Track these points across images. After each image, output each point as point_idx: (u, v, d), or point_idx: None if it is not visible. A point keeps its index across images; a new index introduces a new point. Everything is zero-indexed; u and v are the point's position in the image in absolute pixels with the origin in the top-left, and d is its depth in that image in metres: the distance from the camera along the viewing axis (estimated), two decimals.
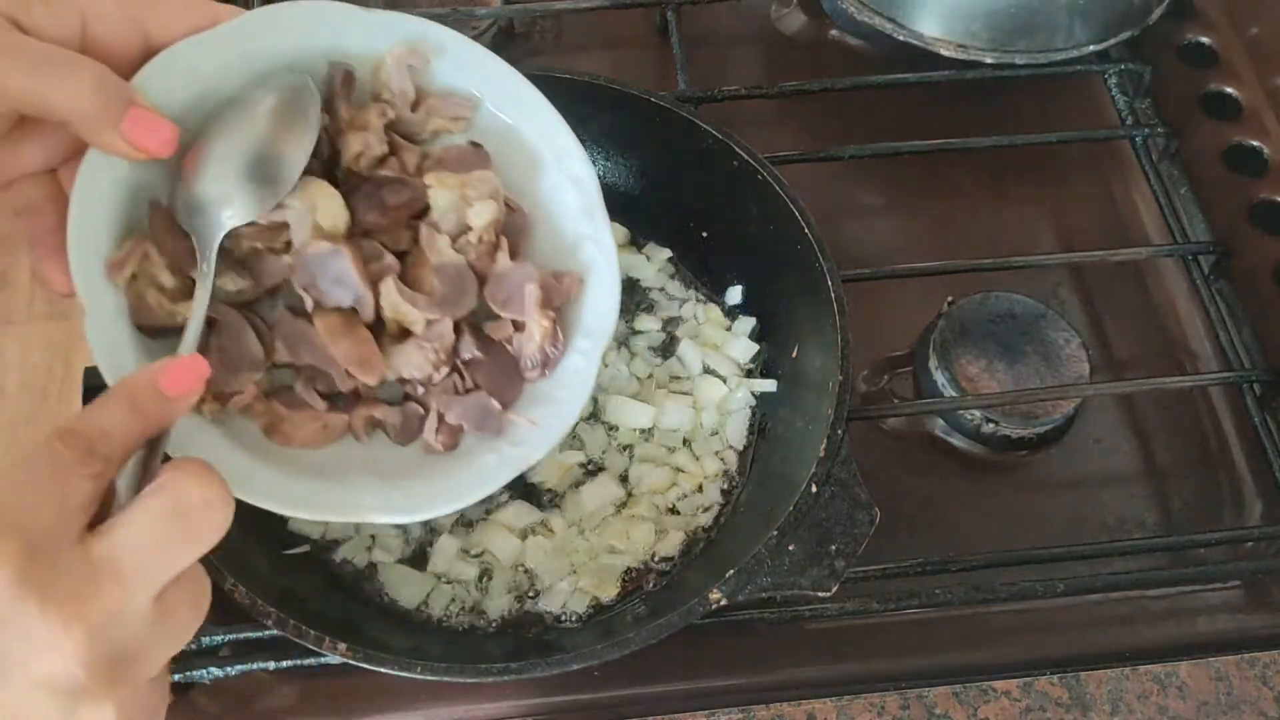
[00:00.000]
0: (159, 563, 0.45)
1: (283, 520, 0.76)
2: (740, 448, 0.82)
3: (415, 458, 0.67)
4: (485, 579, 0.76)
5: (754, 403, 0.83)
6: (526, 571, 0.76)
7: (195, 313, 0.55)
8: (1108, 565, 0.79)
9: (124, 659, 0.44)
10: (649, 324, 0.86)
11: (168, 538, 0.46)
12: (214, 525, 0.47)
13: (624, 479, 0.80)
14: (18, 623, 0.42)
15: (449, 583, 0.75)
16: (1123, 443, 0.86)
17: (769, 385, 0.82)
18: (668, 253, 0.89)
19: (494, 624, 0.74)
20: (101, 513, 0.47)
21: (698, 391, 0.83)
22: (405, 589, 0.75)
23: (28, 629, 0.42)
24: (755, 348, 0.85)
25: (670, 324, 0.87)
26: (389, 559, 0.76)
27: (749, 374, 0.84)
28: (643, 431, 0.82)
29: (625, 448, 0.81)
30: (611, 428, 0.82)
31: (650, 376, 0.84)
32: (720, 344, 0.85)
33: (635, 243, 0.90)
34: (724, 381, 0.83)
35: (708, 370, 0.84)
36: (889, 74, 0.99)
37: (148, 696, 0.46)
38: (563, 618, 0.75)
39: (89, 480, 0.45)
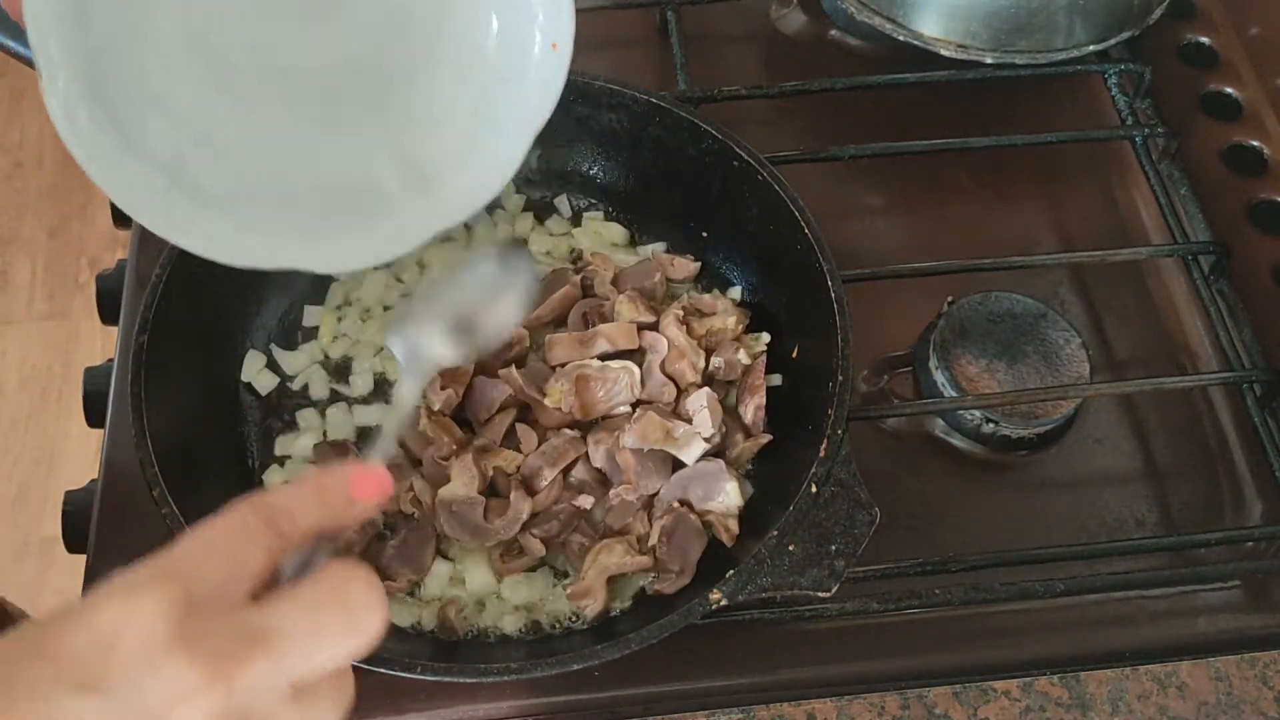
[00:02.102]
0: (312, 645, 0.45)
1: None
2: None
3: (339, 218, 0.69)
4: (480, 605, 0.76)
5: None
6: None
7: (388, 430, 0.57)
8: (1108, 565, 0.79)
9: None
10: None
11: (326, 623, 0.46)
12: (372, 626, 0.47)
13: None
14: (166, 671, 0.42)
15: (444, 604, 0.75)
16: (1123, 443, 0.86)
17: (773, 380, 0.82)
18: (664, 246, 0.89)
19: (494, 629, 0.75)
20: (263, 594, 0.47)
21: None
22: (395, 613, 0.75)
23: (173, 679, 0.42)
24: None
25: None
26: None
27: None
28: None
29: None
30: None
31: None
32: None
33: (635, 242, 0.90)
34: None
35: None
36: (889, 74, 0.99)
37: None
38: (573, 618, 0.75)
39: (264, 551, 0.47)
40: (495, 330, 0.62)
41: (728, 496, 0.76)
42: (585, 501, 0.77)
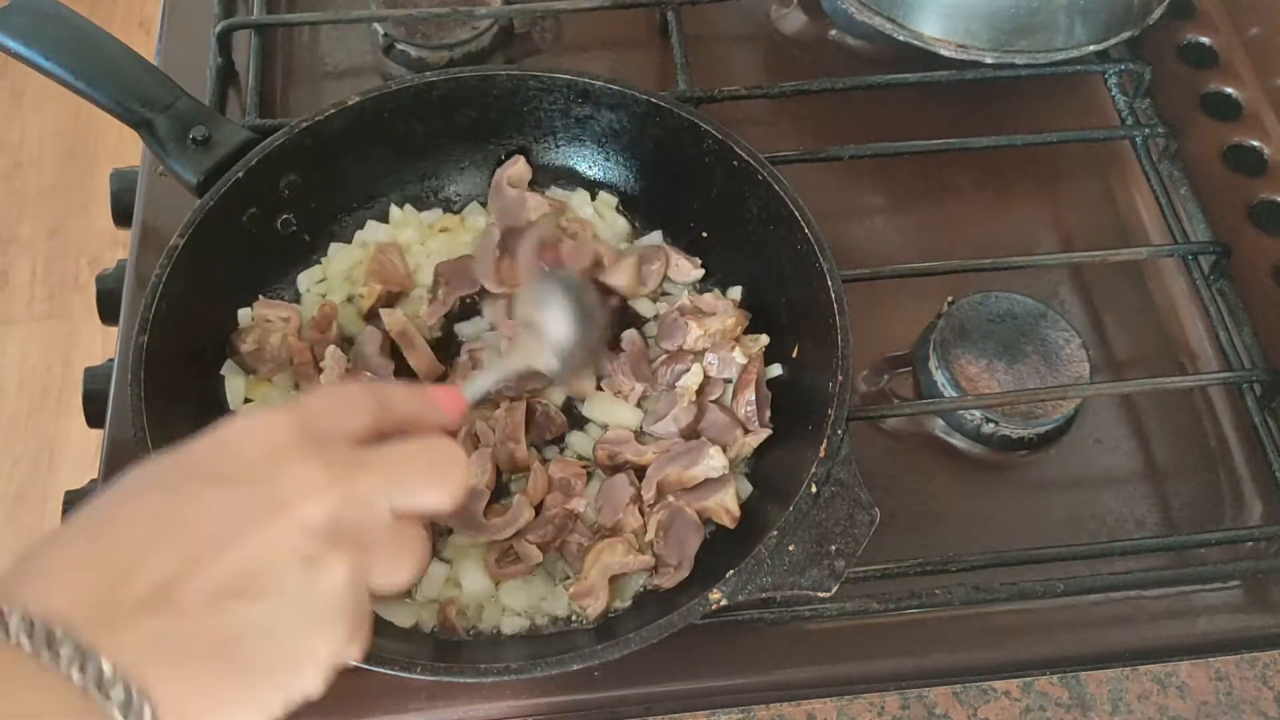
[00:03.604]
0: (409, 482, 0.52)
1: None
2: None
3: None
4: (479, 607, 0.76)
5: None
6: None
7: (487, 374, 0.69)
8: (1108, 565, 0.79)
9: (358, 538, 0.49)
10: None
11: (419, 468, 0.53)
12: (458, 480, 0.54)
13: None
14: (294, 468, 0.48)
15: (444, 604, 0.75)
16: (1123, 443, 0.86)
17: (773, 370, 0.82)
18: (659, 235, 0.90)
19: (494, 630, 0.75)
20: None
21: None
22: (394, 613, 0.75)
23: (301, 475, 0.48)
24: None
25: None
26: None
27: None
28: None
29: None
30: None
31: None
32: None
33: (634, 239, 0.90)
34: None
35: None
36: (889, 74, 0.99)
37: (365, 599, 0.50)
38: (572, 618, 0.75)
39: (367, 415, 0.53)
40: (580, 362, 0.74)
41: (711, 461, 0.76)
42: (578, 504, 0.77)
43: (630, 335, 0.83)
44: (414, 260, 0.88)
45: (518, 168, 0.89)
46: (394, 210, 0.89)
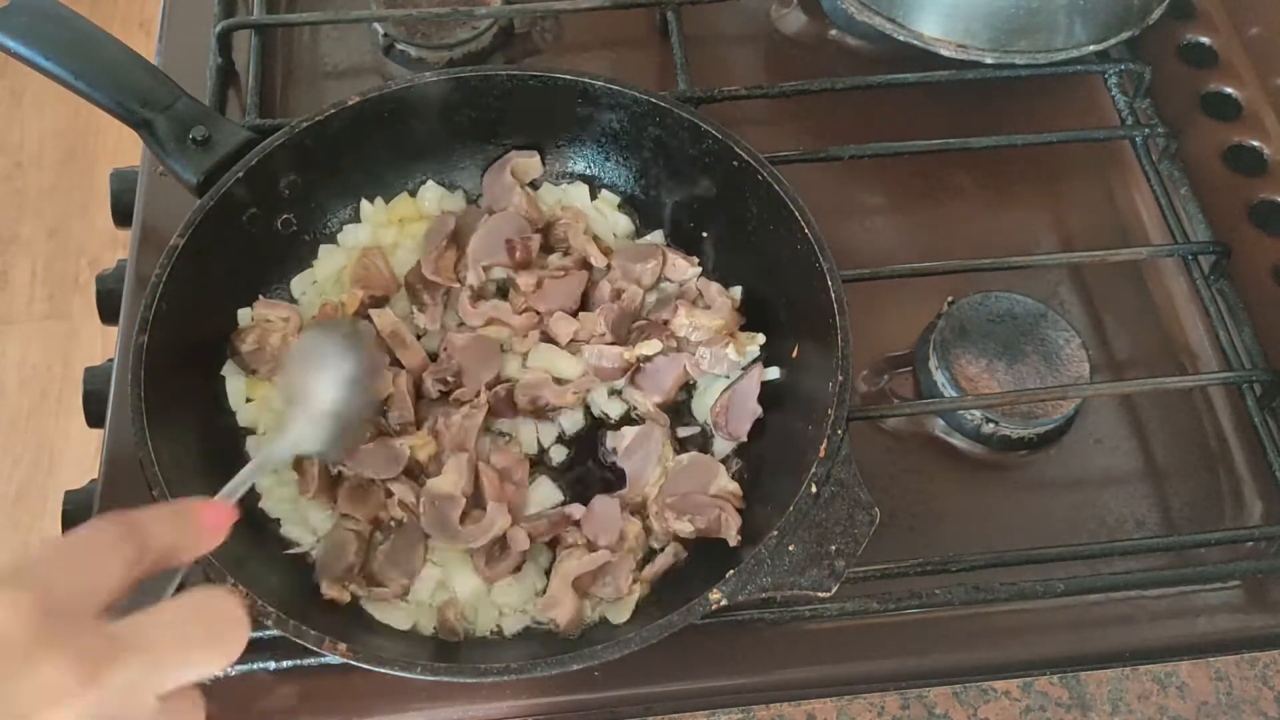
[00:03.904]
0: (179, 655, 0.46)
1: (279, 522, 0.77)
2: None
3: None
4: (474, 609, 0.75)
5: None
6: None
7: (246, 471, 0.63)
8: (1108, 565, 0.79)
9: None
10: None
11: (191, 634, 0.46)
12: (235, 639, 0.47)
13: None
14: (34, 673, 0.42)
15: (442, 606, 0.75)
16: (1123, 443, 0.86)
17: (771, 373, 0.82)
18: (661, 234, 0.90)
19: (494, 630, 0.75)
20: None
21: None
22: (392, 616, 0.75)
23: (43, 680, 0.42)
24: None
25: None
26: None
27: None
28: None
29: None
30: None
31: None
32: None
33: (637, 237, 0.90)
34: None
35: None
36: (889, 74, 0.99)
37: None
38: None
39: (122, 563, 0.46)
40: (355, 419, 0.69)
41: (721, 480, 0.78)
42: (575, 511, 0.77)
43: (632, 292, 0.84)
44: (399, 262, 0.87)
45: (528, 161, 0.89)
46: (364, 205, 0.89)
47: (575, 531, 0.77)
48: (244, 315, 0.83)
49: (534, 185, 0.91)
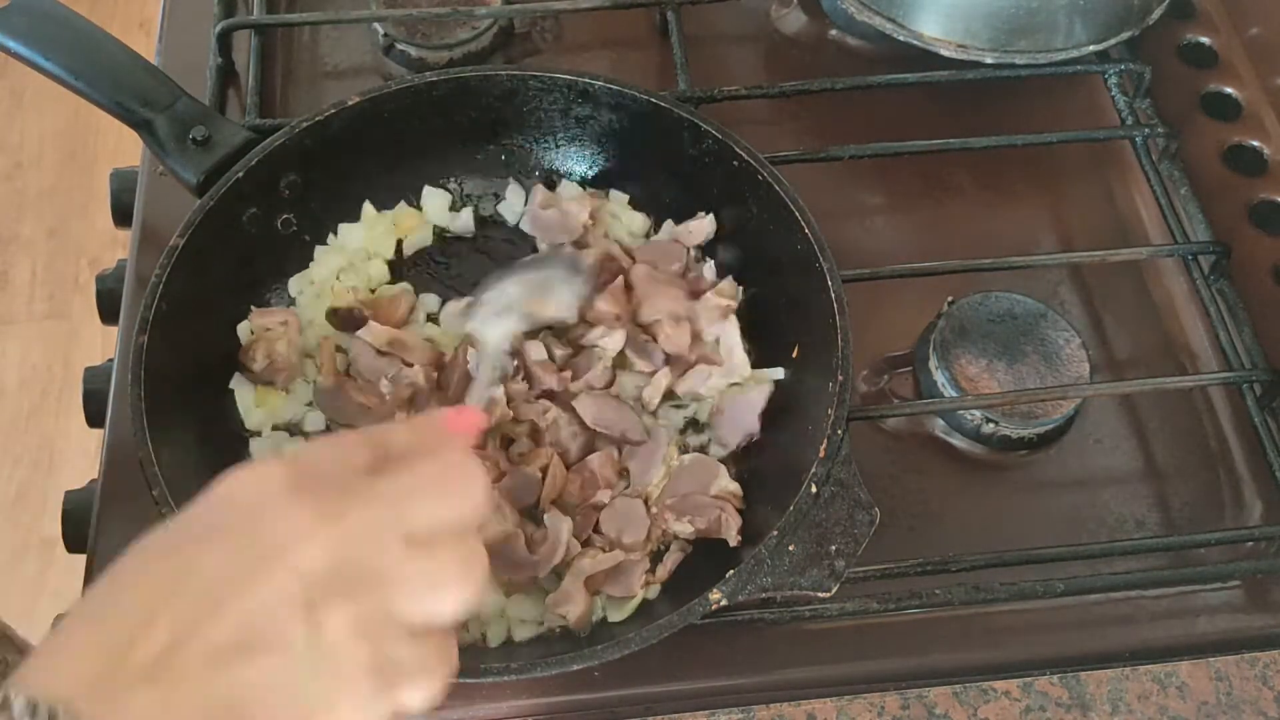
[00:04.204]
0: (416, 504, 0.49)
1: None
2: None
3: None
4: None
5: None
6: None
7: (482, 378, 0.63)
8: (1108, 565, 0.79)
9: (366, 577, 0.46)
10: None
11: (425, 486, 0.49)
12: (474, 488, 0.50)
13: None
14: (280, 513, 0.46)
15: None
16: (1123, 443, 0.86)
17: (776, 373, 0.82)
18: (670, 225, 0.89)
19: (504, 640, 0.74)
20: None
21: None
22: None
23: (287, 519, 0.46)
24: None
25: None
26: None
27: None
28: None
29: None
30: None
31: None
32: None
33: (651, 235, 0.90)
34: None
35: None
36: (889, 74, 0.99)
37: (399, 643, 0.47)
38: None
39: (362, 451, 0.50)
40: (554, 314, 0.68)
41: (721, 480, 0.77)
42: (604, 496, 0.77)
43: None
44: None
45: (541, 195, 0.89)
46: (367, 208, 0.89)
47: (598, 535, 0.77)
48: (243, 330, 0.82)
49: (549, 184, 0.91)
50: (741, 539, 0.75)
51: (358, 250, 0.88)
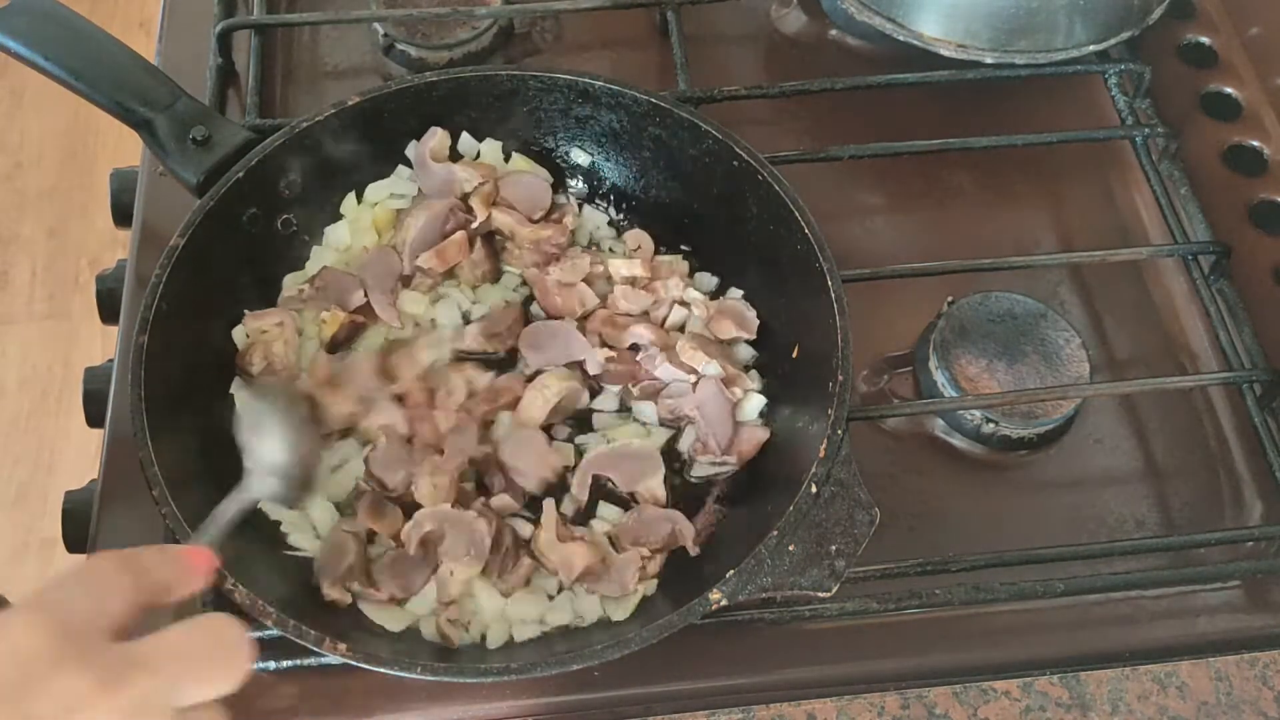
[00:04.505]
0: (189, 675, 0.48)
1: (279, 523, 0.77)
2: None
3: None
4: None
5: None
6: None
7: (217, 518, 0.65)
8: (1108, 565, 0.79)
9: None
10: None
11: (198, 653, 0.49)
12: (237, 661, 0.50)
13: None
14: (56, 683, 0.44)
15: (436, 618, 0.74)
16: (1123, 443, 0.86)
17: (752, 411, 0.82)
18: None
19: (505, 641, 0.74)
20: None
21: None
22: (383, 617, 0.74)
23: (64, 689, 0.44)
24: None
25: None
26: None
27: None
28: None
29: None
30: None
31: None
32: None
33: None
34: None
35: None
36: (889, 74, 0.99)
37: None
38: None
39: (121, 593, 0.49)
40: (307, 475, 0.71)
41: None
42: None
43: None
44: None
45: (436, 140, 0.88)
46: (348, 201, 0.88)
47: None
48: (238, 334, 0.82)
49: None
50: (699, 550, 0.76)
51: (347, 248, 0.87)
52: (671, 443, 0.81)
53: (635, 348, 0.83)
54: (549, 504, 0.77)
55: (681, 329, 0.84)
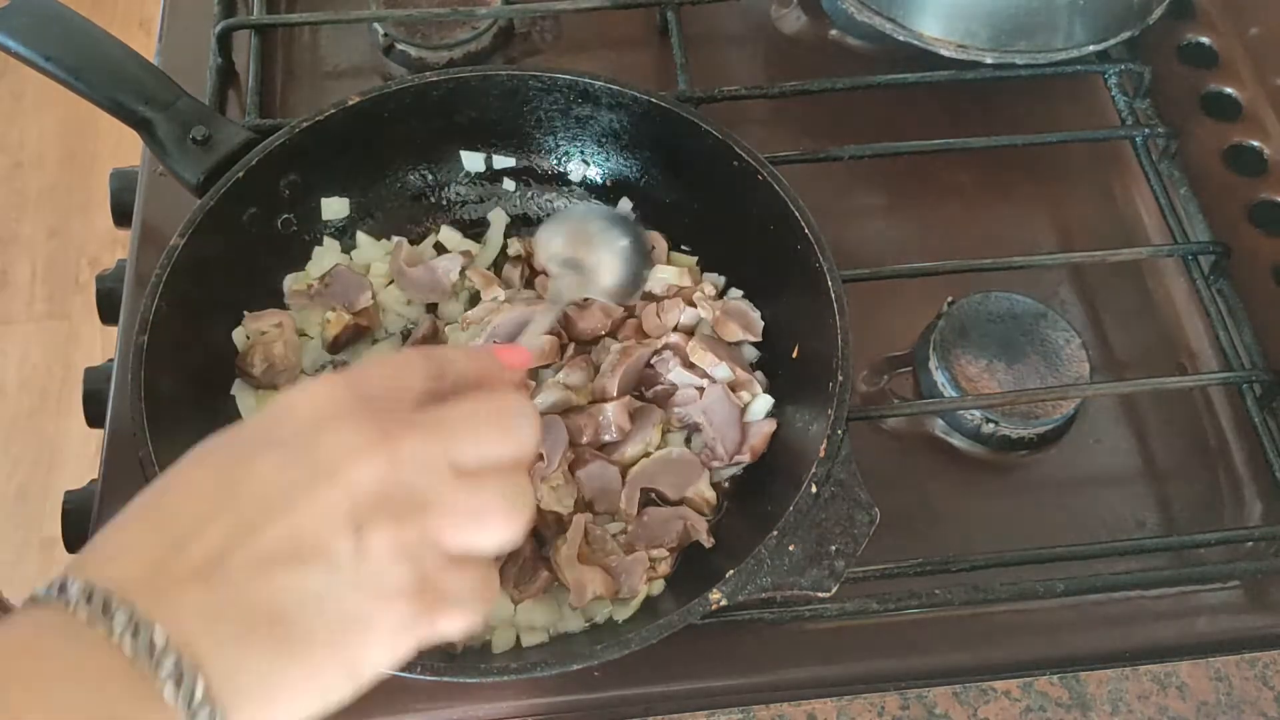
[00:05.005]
0: (469, 436, 0.49)
1: None
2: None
3: None
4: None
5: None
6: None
7: (540, 321, 0.67)
8: (1108, 565, 0.79)
9: (415, 502, 0.47)
10: None
11: (480, 420, 0.50)
12: (525, 429, 0.52)
13: None
14: (339, 429, 0.47)
15: None
16: (1123, 443, 0.86)
17: (759, 410, 0.82)
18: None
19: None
20: None
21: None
22: None
23: (345, 435, 0.47)
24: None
25: None
26: None
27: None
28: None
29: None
30: None
31: None
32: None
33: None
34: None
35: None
36: (889, 74, 0.99)
37: (440, 570, 0.48)
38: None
39: (423, 378, 0.51)
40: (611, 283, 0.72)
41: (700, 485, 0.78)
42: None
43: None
44: (390, 298, 0.86)
45: (406, 251, 0.87)
46: (361, 237, 0.88)
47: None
48: (238, 336, 0.82)
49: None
50: (714, 540, 0.76)
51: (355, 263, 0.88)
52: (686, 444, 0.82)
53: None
54: (579, 520, 0.75)
55: (690, 331, 0.84)
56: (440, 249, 0.89)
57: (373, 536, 0.46)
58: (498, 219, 0.90)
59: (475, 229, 0.91)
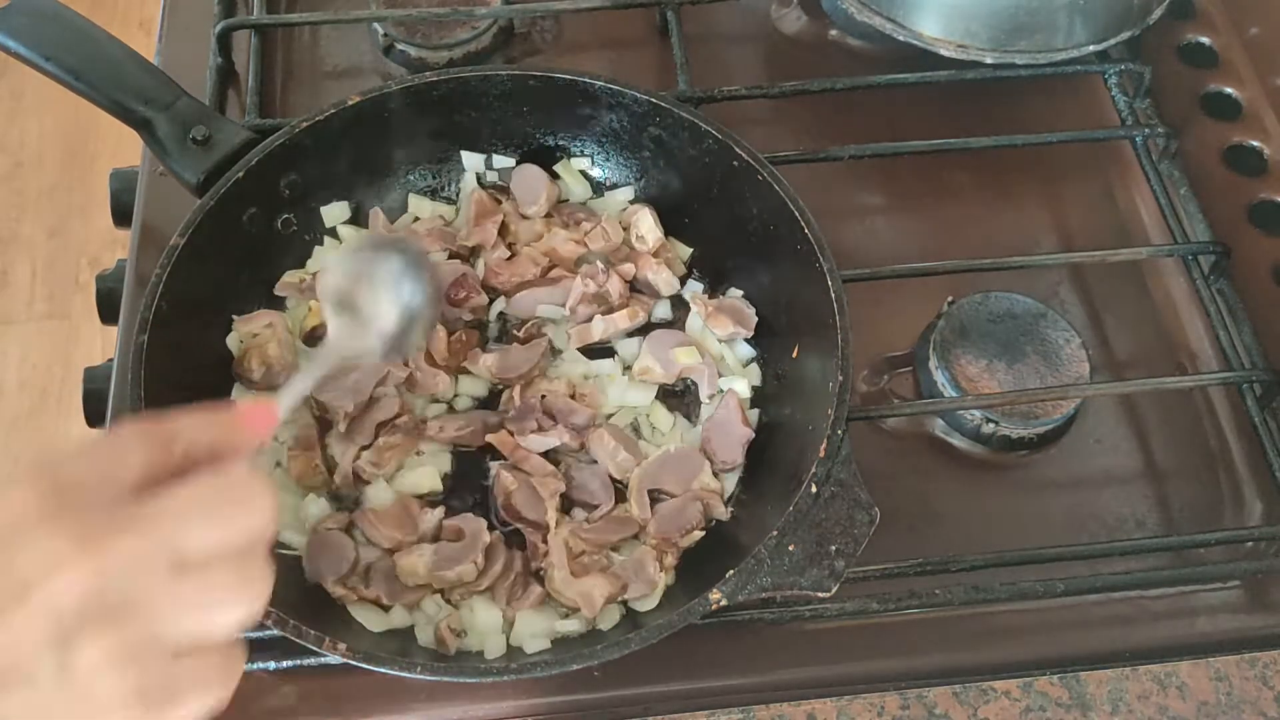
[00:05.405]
0: (192, 525, 0.46)
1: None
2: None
3: None
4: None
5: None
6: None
7: (302, 378, 0.57)
8: (1108, 565, 0.79)
9: (127, 605, 0.44)
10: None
11: (206, 503, 0.46)
12: (257, 508, 0.48)
13: None
14: (35, 542, 0.43)
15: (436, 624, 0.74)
16: (1123, 443, 0.86)
17: (742, 389, 0.82)
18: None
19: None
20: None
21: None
22: (366, 617, 0.74)
23: (43, 549, 0.43)
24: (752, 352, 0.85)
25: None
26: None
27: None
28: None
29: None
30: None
31: None
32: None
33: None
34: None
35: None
36: (889, 74, 0.99)
37: (167, 665, 0.45)
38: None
39: (140, 457, 0.47)
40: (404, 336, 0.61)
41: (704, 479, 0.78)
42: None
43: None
44: None
45: (383, 220, 0.88)
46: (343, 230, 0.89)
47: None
48: (232, 341, 0.82)
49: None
50: (733, 511, 0.77)
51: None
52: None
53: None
54: (556, 540, 0.75)
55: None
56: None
57: (82, 650, 0.43)
58: (468, 184, 0.90)
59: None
